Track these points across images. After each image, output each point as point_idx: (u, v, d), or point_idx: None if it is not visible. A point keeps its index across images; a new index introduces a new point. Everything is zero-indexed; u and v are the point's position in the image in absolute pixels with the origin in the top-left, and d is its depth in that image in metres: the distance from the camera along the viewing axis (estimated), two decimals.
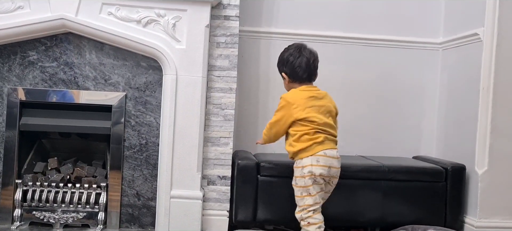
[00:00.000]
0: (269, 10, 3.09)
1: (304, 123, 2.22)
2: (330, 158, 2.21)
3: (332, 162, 2.22)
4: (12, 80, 2.57)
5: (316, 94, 2.28)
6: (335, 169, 2.24)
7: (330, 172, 2.22)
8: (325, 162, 2.20)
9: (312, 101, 2.25)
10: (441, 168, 2.75)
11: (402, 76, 3.18)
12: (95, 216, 2.59)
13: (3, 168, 2.58)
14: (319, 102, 2.27)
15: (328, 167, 2.21)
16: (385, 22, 3.15)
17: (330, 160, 2.21)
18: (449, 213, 2.73)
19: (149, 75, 2.63)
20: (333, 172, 2.23)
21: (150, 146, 2.64)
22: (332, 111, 2.31)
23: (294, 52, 2.30)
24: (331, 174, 2.23)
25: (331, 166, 2.21)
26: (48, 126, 2.64)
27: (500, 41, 2.64)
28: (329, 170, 2.21)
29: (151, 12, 2.55)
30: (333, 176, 2.26)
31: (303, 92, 2.27)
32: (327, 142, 2.23)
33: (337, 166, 2.25)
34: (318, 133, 2.21)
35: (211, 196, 2.70)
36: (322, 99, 2.29)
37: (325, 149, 2.20)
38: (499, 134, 2.65)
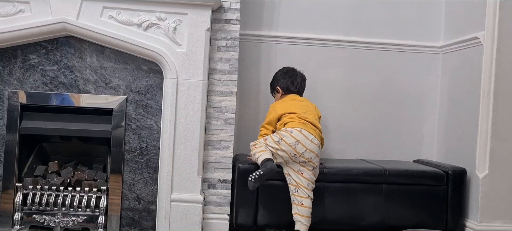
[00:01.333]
0: (270, 14, 3.09)
1: (288, 115, 2.63)
2: (303, 135, 2.52)
3: (303, 139, 2.52)
4: (13, 83, 2.57)
5: (296, 98, 2.76)
6: (303, 146, 2.51)
7: (296, 146, 2.51)
8: (296, 135, 2.52)
9: (293, 101, 2.72)
10: (442, 172, 2.75)
11: (402, 79, 3.18)
12: (96, 220, 2.59)
13: (4, 171, 2.57)
14: (299, 102, 2.72)
15: (297, 141, 2.51)
16: (385, 26, 3.16)
17: (302, 137, 2.52)
18: (450, 217, 2.73)
19: (150, 78, 2.63)
20: (299, 148, 2.51)
21: (150, 150, 2.64)
22: (313, 111, 2.68)
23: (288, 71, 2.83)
24: (297, 149, 2.51)
25: (300, 141, 2.51)
26: (48, 129, 2.63)
27: (501, 45, 2.64)
28: (297, 143, 2.51)
29: (152, 16, 2.56)
30: (299, 153, 2.51)
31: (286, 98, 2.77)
32: (309, 127, 2.57)
33: (308, 146, 2.52)
34: (301, 119, 2.59)
35: (212, 200, 2.70)
36: (303, 101, 2.74)
37: (303, 128, 2.55)
38: (499, 138, 2.65)
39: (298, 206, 2.55)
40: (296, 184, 2.55)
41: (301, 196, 2.54)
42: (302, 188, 2.54)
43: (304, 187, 2.54)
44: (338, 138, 3.14)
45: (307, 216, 2.54)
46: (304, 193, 2.54)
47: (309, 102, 2.75)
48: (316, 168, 2.59)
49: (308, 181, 2.55)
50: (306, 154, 2.52)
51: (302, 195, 2.54)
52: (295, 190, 2.56)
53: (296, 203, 2.55)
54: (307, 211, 2.54)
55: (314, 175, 2.58)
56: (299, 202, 2.54)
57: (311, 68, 3.11)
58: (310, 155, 2.53)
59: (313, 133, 2.57)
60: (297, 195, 2.55)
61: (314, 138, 2.55)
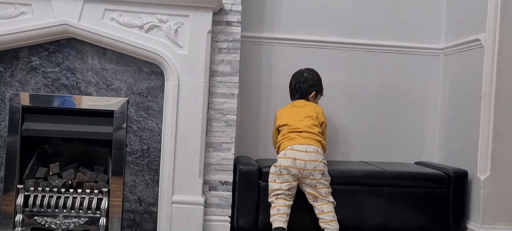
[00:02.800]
0: (271, 16, 3.10)
1: (282, 127, 2.67)
2: (295, 151, 2.53)
3: (298, 154, 2.52)
4: (15, 85, 2.58)
5: (297, 104, 2.75)
6: (301, 160, 2.51)
7: (295, 163, 2.51)
8: (290, 154, 2.53)
9: (293, 108, 2.72)
10: (443, 174, 2.75)
11: (403, 81, 3.18)
12: (97, 222, 2.59)
13: (5, 173, 2.58)
14: (298, 109, 2.70)
15: (293, 159, 2.51)
16: (386, 28, 3.16)
17: (295, 153, 2.52)
18: (451, 219, 2.72)
19: (151, 80, 2.63)
20: (299, 164, 2.51)
21: (152, 151, 2.64)
22: (310, 116, 2.65)
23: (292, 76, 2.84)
24: (297, 165, 2.51)
25: (296, 157, 2.51)
26: (50, 131, 2.63)
27: (502, 47, 2.64)
28: (294, 161, 2.51)
29: (154, 18, 2.56)
30: (301, 168, 2.51)
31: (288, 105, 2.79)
32: (298, 139, 2.56)
33: (305, 158, 2.51)
34: (291, 132, 2.60)
35: (213, 202, 2.70)
36: (303, 107, 2.71)
37: (293, 144, 2.55)
38: (501, 140, 2.65)
39: (319, 215, 2.55)
40: (313, 196, 2.55)
41: (320, 204, 2.54)
42: (320, 197, 2.54)
43: (322, 196, 2.54)
44: (339, 140, 3.14)
45: (331, 220, 2.53)
46: (323, 200, 2.54)
47: (312, 107, 2.69)
48: (325, 173, 2.57)
49: (325, 188, 2.55)
50: (308, 165, 2.51)
51: (321, 203, 2.54)
52: (314, 201, 2.56)
53: (317, 213, 2.55)
54: (329, 216, 2.53)
55: (326, 179, 2.56)
56: (319, 210, 2.54)
57: None
58: (311, 164, 2.51)
59: (306, 141, 2.55)
60: (316, 206, 2.55)
61: (308, 146, 2.53)
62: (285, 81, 3.10)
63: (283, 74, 3.09)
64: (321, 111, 2.71)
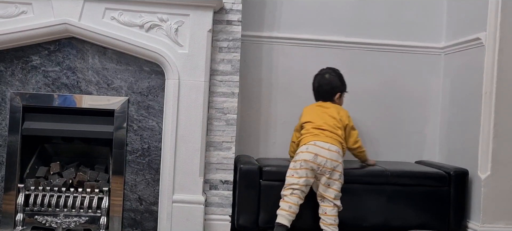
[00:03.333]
0: (271, 15, 3.09)
1: (305, 125, 2.66)
2: (318, 147, 2.53)
3: (320, 150, 2.52)
4: (15, 84, 2.58)
5: (323, 105, 2.75)
6: (322, 157, 2.51)
7: (316, 159, 2.51)
8: (313, 149, 2.53)
9: (318, 107, 2.73)
10: (444, 173, 2.75)
11: (404, 80, 3.18)
12: (97, 221, 2.59)
13: (6, 172, 2.58)
14: (323, 109, 2.70)
15: (315, 154, 2.51)
16: (387, 27, 3.16)
17: (318, 149, 2.52)
18: (452, 218, 2.72)
19: (152, 79, 2.63)
20: (320, 160, 2.51)
21: (152, 151, 2.64)
22: (334, 118, 2.65)
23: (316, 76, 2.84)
24: (317, 161, 2.50)
25: (318, 153, 2.51)
26: (50, 131, 2.64)
27: (503, 46, 2.64)
28: (315, 157, 2.51)
29: (154, 17, 2.56)
30: (321, 165, 2.51)
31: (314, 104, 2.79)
32: (322, 136, 2.57)
33: (327, 155, 2.51)
34: (315, 129, 2.60)
35: (213, 201, 2.70)
36: (327, 108, 2.70)
37: (316, 140, 2.55)
38: (502, 139, 2.65)
39: (321, 215, 2.55)
40: (322, 196, 2.55)
41: (325, 206, 2.54)
42: (328, 199, 2.54)
43: (331, 198, 2.53)
44: None
45: (331, 224, 2.53)
46: (329, 202, 2.54)
47: (338, 110, 2.70)
48: (342, 174, 2.56)
49: (336, 191, 2.54)
50: (328, 164, 2.51)
51: (327, 205, 2.54)
52: (321, 201, 2.56)
53: (321, 213, 2.55)
54: (331, 219, 2.53)
55: (340, 182, 2.56)
56: (323, 211, 2.54)
57: (313, 70, 3.09)
58: (332, 164, 2.52)
59: (329, 140, 2.55)
60: (322, 205, 2.56)
61: (331, 145, 2.53)
62: (285, 80, 3.11)
63: (284, 73, 3.10)
64: (345, 114, 2.70)
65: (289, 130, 3.04)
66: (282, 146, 3.05)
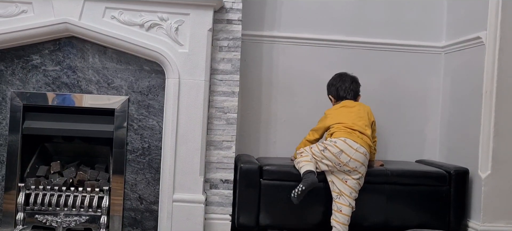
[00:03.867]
0: (272, 14, 3.09)
1: (335, 125, 2.64)
2: (347, 145, 2.52)
3: (348, 149, 2.52)
4: (16, 84, 2.58)
5: (347, 104, 2.74)
6: (347, 155, 2.51)
7: (340, 156, 2.51)
8: (340, 145, 2.53)
9: (343, 108, 2.72)
10: (444, 172, 2.75)
11: (405, 80, 3.18)
12: (98, 220, 2.59)
13: (6, 171, 2.58)
14: (350, 109, 2.70)
15: (340, 150, 2.52)
16: (387, 26, 3.16)
17: (346, 146, 2.52)
18: (452, 217, 2.72)
19: (152, 79, 2.63)
20: (343, 157, 2.51)
21: (152, 150, 2.64)
22: (363, 117, 2.67)
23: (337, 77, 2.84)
24: (340, 159, 2.51)
25: (343, 150, 2.51)
26: (51, 130, 2.64)
27: (503, 45, 2.63)
28: (340, 153, 2.52)
29: (154, 16, 2.56)
30: (343, 162, 2.51)
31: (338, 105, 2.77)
32: (354, 136, 2.56)
33: (353, 155, 2.52)
34: (347, 128, 2.60)
35: (214, 200, 2.70)
36: (354, 107, 2.72)
37: (348, 137, 2.55)
38: (502, 138, 2.65)
39: (336, 212, 2.55)
40: (339, 191, 2.55)
41: (341, 203, 2.54)
42: (344, 195, 2.54)
43: (347, 195, 2.53)
44: None
45: (343, 223, 2.53)
46: (345, 200, 2.54)
47: (362, 107, 2.73)
48: (362, 177, 2.57)
49: (351, 189, 2.54)
50: (351, 163, 2.52)
51: (343, 203, 2.54)
52: (337, 197, 2.56)
53: (335, 209, 2.55)
54: (344, 219, 2.53)
55: (359, 183, 2.57)
56: (338, 208, 2.54)
57: (313, 69, 3.11)
58: (355, 164, 2.52)
59: (359, 141, 2.55)
60: (338, 202, 2.55)
61: (359, 147, 2.54)
62: (285, 79, 3.11)
63: (284, 72, 3.10)
64: (370, 110, 2.75)
65: (289, 129, 3.04)
66: (283, 145, 3.05)
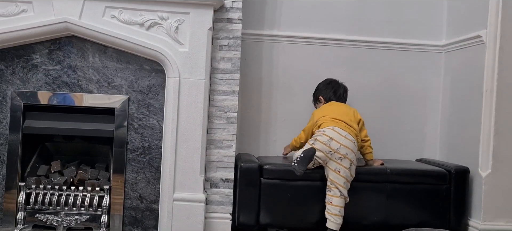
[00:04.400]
0: (272, 13, 3.09)
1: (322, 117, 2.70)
2: (335, 132, 2.59)
3: (337, 136, 2.58)
4: (16, 83, 2.58)
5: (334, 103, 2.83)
6: (337, 142, 2.56)
7: (330, 143, 2.56)
8: (329, 133, 2.59)
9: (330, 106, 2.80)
10: (444, 171, 2.74)
11: (405, 78, 3.17)
12: (98, 219, 2.59)
13: (7, 171, 2.58)
14: (337, 107, 2.79)
15: (330, 138, 2.57)
16: (388, 25, 3.15)
17: (335, 134, 2.58)
18: (453, 216, 2.72)
19: (152, 78, 2.63)
20: (334, 144, 2.56)
21: (153, 149, 2.64)
22: (348, 113, 2.73)
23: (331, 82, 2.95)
24: (331, 146, 2.56)
25: (333, 137, 2.57)
26: (51, 129, 2.64)
27: (503, 44, 2.63)
28: (330, 140, 2.57)
29: (154, 15, 2.56)
30: (334, 149, 2.56)
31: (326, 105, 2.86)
32: (341, 124, 2.63)
33: (342, 142, 2.57)
34: (333, 119, 2.66)
35: (214, 199, 2.70)
36: (340, 106, 2.80)
37: (335, 126, 2.62)
38: (502, 136, 2.65)
39: (327, 204, 2.57)
40: (330, 182, 2.57)
41: (332, 195, 2.56)
42: (335, 187, 2.55)
43: (340, 185, 2.55)
44: None
45: (335, 214, 2.54)
46: (335, 192, 2.55)
47: (348, 108, 2.79)
48: (353, 165, 2.59)
49: (345, 179, 2.56)
50: (342, 150, 2.55)
51: (333, 194, 2.55)
52: (328, 190, 2.58)
53: (326, 202, 2.57)
54: (336, 209, 2.54)
55: (351, 174, 2.59)
56: (328, 200, 2.56)
57: (313, 68, 3.11)
58: (345, 150, 2.55)
59: (347, 129, 2.61)
60: (328, 194, 2.57)
61: (348, 134, 2.59)
62: (286, 78, 3.11)
63: (284, 71, 3.10)
64: (356, 110, 2.81)
65: (289, 128, 3.04)
66: (283, 144, 3.05)
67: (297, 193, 2.63)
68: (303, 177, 2.62)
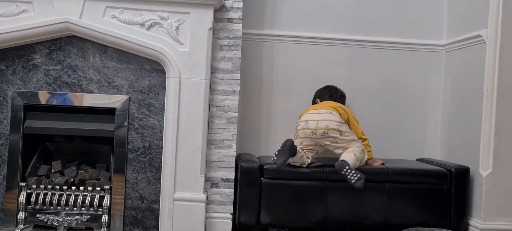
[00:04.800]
0: (272, 13, 3.09)
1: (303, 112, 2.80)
2: (308, 115, 2.72)
3: (310, 116, 2.69)
4: (16, 83, 2.58)
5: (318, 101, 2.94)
6: (313, 121, 2.67)
7: (307, 124, 2.67)
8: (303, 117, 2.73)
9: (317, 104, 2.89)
10: (445, 170, 2.74)
11: (405, 78, 3.17)
12: (99, 219, 2.59)
13: (7, 171, 2.58)
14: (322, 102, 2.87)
15: (306, 121, 2.69)
16: (388, 25, 3.15)
17: (308, 116, 2.70)
18: (453, 215, 2.72)
19: (153, 78, 2.63)
20: (311, 124, 2.66)
21: (153, 149, 2.64)
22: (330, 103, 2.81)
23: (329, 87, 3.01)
24: (309, 126, 2.67)
25: (308, 119, 2.69)
26: (52, 129, 2.64)
27: (504, 43, 2.63)
28: (307, 123, 2.68)
29: (155, 15, 2.56)
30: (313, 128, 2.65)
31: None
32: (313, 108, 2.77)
33: (316, 118, 2.67)
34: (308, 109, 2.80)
35: (215, 199, 2.70)
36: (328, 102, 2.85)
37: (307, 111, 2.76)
38: (503, 136, 2.64)
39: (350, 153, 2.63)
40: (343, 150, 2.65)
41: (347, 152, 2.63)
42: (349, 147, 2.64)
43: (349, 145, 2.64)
44: None
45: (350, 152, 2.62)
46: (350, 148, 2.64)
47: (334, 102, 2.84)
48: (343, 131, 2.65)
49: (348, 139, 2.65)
50: (320, 124, 2.63)
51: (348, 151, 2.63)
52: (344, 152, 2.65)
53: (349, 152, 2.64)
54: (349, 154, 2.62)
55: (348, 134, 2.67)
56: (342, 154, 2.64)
57: (314, 67, 3.11)
58: (324, 123, 2.63)
59: (319, 108, 2.73)
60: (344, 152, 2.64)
61: (321, 110, 2.70)
62: (286, 78, 3.10)
63: (285, 71, 3.10)
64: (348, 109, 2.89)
65: (290, 127, 3.03)
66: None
67: (298, 192, 2.63)
68: (303, 176, 2.62)
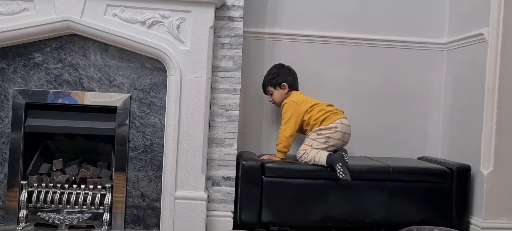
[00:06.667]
0: (273, 11, 3.09)
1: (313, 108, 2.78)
2: (345, 126, 2.75)
3: (347, 129, 2.77)
4: (17, 82, 2.58)
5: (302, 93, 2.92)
6: (348, 135, 2.78)
7: (344, 137, 2.75)
8: (341, 128, 2.73)
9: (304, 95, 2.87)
10: (446, 169, 2.74)
11: (407, 76, 3.17)
12: (100, 217, 2.60)
13: (9, 169, 2.59)
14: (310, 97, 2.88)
15: (343, 133, 2.74)
16: (389, 23, 3.15)
17: (345, 128, 2.76)
18: (454, 214, 2.72)
19: (154, 76, 2.63)
20: (346, 137, 2.77)
21: (154, 147, 2.64)
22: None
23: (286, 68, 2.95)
24: (344, 139, 2.75)
25: (345, 132, 2.75)
26: (53, 127, 2.64)
27: (505, 41, 2.63)
28: (343, 135, 2.74)
29: (156, 14, 2.56)
30: (345, 141, 2.78)
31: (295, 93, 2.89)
32: (340, 114, 2.78)
33: (349, 131, 2.78)
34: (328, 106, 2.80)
35: (216, 197, 2.70)
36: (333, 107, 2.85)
37: (340, 118, 2.75)
38: (504, 134, 2.64)
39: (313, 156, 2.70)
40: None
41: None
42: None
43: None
44: None
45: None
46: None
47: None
48: None
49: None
50: (348, 139, 2.78)
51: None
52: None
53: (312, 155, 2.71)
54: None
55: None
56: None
57: (315, 66, 3.11)
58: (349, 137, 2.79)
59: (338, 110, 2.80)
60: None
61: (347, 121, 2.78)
62: None
63: None
64: None
65: None
66: None
67: (299, 191, 2.63)
68: (304, 175, 2.63)
